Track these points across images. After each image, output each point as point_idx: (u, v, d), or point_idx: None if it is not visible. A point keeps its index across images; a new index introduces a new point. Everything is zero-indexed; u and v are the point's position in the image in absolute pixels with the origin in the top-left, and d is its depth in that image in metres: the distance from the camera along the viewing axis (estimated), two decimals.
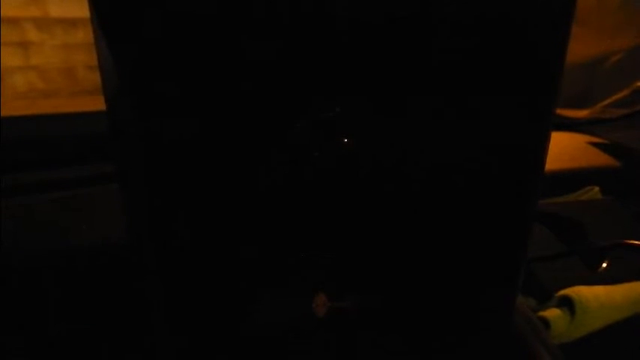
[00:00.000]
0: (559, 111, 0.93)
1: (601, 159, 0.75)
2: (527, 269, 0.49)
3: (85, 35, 0.96)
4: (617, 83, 0.95)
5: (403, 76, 0.27)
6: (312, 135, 0.27)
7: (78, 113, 0.66)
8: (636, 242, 0.52)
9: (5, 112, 0.64)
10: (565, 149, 0.77)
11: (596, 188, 0.67)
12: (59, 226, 0.45)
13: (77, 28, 0.93)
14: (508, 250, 0.32)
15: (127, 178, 0.29)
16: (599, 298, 0.44)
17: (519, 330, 0.36)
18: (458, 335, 0.32)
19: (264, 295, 0.30)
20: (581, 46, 0.92)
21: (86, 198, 0.49)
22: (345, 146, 0.27)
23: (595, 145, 0.79)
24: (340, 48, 0.25)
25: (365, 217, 0.29)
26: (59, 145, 0.57)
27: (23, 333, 0.41)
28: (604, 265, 0.50)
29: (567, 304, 0.44)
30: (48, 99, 0.92)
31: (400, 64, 0.26)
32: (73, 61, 0.92)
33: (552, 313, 0.43)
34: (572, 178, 0.69)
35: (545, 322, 0.42)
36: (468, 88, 0.27)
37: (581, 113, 0.95)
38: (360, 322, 0.31)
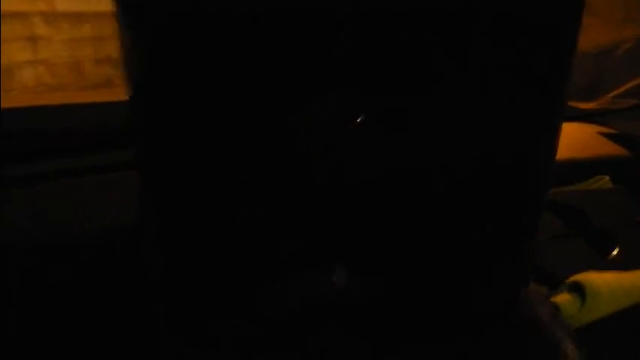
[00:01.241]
0: (569, 102, 0.92)
1: (611, 149, 0.74)
2: (537, 258, 0.49)
3: (91, 29, 0.96)
4: (627, 73, 0.94)
5: (410, 62, 0.26)
6: (319, 123, 0.27)
7: (84, 104, 0.66)
8: None
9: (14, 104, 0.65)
10: (575, 139, 0.76)
11: (607, 177, 0.66)
12: (66, 212, 0.46)
13: (83, 23, 0.93)
14: (519, 229, 0.31)
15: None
16: (609, 284, 0.44)
17: (538, 315, 0.36)
18: (471, 319, 0.32)
19: (274, 275, 0.30)
20: (591, 36, 0.92)
21: (94, 185, 0.50)
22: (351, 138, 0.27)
23: (605, 135, 0.79)
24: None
25: (374, 203, 0.29)
26: (65, 136, 0.58)
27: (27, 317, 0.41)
28: (614, 251, 0.50)
29: (578, 289, 0.44)
30: (55, 92, 0.93)
31: (406, 54, 0.26)
32: (80, 56, 0.93)
33: (562, 299, 0.43)
34: (583, 168, 0.68)
35: (555, 308, 0.42)
36: (479, 79, 0.27)
37: (592, 104, 0.94)
38: (369, 306, 0.30)
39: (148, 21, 0.26)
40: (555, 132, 0.30)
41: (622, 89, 0.92)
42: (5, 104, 0.67)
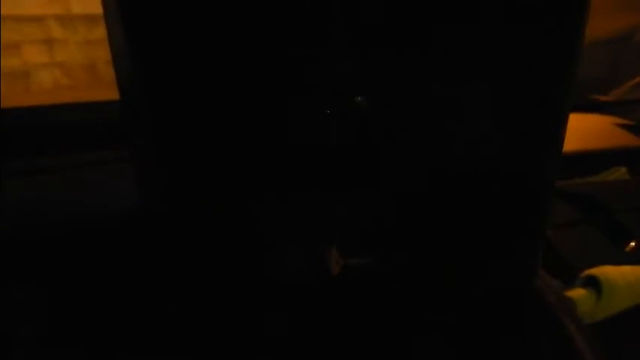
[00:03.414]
0: (585, 93, 0.91)
1: (628, 140, 0.73)
2: (553, 250, 0.49)
3: (105, 31, 0.97)
4: None
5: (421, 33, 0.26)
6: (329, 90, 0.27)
7: (97, 102, 0.68)
8: None
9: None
10: (592, 130, 0.75)
11: (623, 169, 0.65)
12: (75, 201, 0.47)
13: (98, 25, 0.94)
14: (530, 212, 0.31)
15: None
16: (626, 278, 0.43)
17: (551, 309, 0.36)
18: (479, 299, 0.32)
19: (278, 245, 0.30)
20: (602, 22, 0.89)
21: (101, 177, 0.51)
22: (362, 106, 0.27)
23: (622, 126, 0.77)
24: None
25: (387, 174, 0.29)
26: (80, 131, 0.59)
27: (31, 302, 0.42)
28: (632, 244, 0.49)
29: (593, 283, 0.43)
30: (73, 92, 0.94)
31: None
32: (95, 57, 0.94)
33: (578, 293, 0.42)
34: (600, 159, 0.67)
35: (571, 302, 0.42)
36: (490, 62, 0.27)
37: (609, 95, 0.93)
38: (380, 279, 0.31)
39: None
40: (562, 121, 0.30)
41: (639, 79, 0.91)
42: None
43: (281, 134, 0.27)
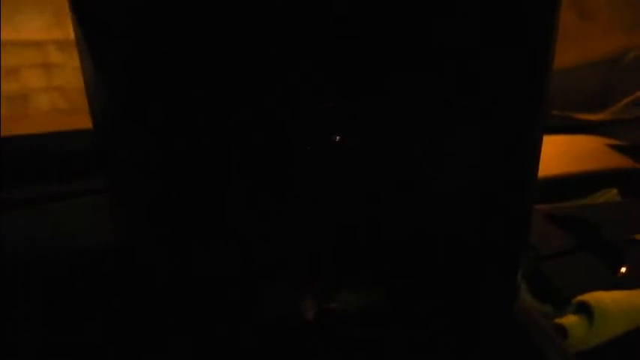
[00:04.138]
0: (577, 114, 0.92)
1: (619, 160, 0.74)
2: (543, 275, 0.49)
3: None
4: (636, 83, 0.93)
5: (396, 70, 0.27)
6: (304, 128, 0.27)
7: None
8: None
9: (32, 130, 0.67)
10: (583, 151, 0.76)
11: (614, 190, 0.66)
12: (76, 229, 0.47)
13: None
14: (506, 241, 0.32)
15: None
16: (618, 303, 0.44)
17: (532, 338, 0.36)
18: (458, 333, 0.32)
19: (252, 295, 0.30)
20: (593, 44, 0.91)
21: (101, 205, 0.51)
22: (338, 142, 0.27)
23: (613, 146, 0.79)
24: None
25: (358, 211, 0.29)
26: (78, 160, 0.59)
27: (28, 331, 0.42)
28: (623, 269, 0.50)
29: (585, 310, 0.43)
30: (71, 117, 0.95)
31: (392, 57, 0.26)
32: None
33: (570, 320, 0.43)
34: (590, 181, 0.68)
35: (563, 330, 0.42)
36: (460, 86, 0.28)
37: (599, 116, 0.94)
38: (353, 320, 0.31)
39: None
40: (536, 143, 0.30)
41: (630, 99, 0.92)
42: (21, 129, 0.69)
43: (258, 175, 0.28)
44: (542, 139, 0.30)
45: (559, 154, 0.71)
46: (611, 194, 0.65)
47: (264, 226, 0.29)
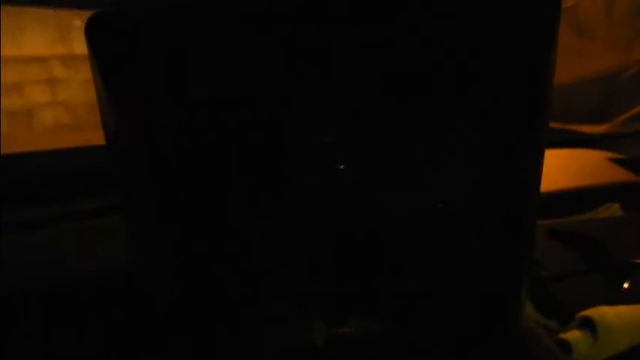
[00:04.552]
0: (577, 127, 0.93)
1: (620, 175, 0.74)
2: (547, 290, 0.49)
3: None
4: (635, 97, 0.94)
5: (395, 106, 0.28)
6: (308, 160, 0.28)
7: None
8: None
9: (35, 147, 0.67)
10: (584, 166, 0.76)
11: (616, 205, 0.66)
12: (84, 251, 0.47)
13: None
14: (511, 259, 0.32)
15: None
16: (622, 318, 0.44)
17: (536, 353, 0.36)
18: (464, 349, 0.32)
19: (263, 323, 0.30)
20: (592, 61, 0.92)
21: (110, 226, 0.51)
22: (340, 172, 0.28)
23: (614, 160, 0.79)
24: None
25: (366, 241, 0.30)
26: (84, 178, 0.59)
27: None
28: (626, 284, 0.50)
29: (589, 325, 0.43)
30: (74, 132, 0.95)
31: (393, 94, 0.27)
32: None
33: (574, 336, 0.43)
34: (592, 195, 0.68)
35: (567, 345, 0.42)
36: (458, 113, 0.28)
37: (600, 128, 0.94)
38: (361, 345, 0.31)
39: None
40: (538, 158, 0.30)
41: (630, 113, 0.92)
42: (25, 145, 0.69)
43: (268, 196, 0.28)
44: (544, 153, 0.31)
45: (560, 168, 0.71)
46: (614, 209, 0.65)
47: (265, 237, 0.29)
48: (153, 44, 0.27)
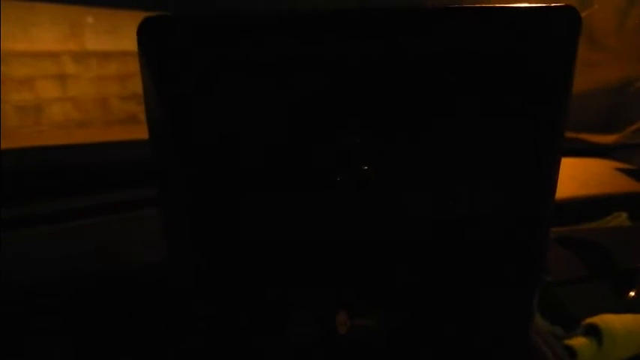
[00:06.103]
0: (587, 137, 0.92)
1: (629, 185, 0.73)
2: (553, 296, 0.49)
3: (118, 67, 1.00)
4: None
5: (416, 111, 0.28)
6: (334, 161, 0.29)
7: (112, 142, 0.68)
8: None
9: (45, 142, 0.67)
10: (593, 175, 0.76)
11: (624, 214, 0.65)
12: (92, 249, 0.47)
13: (111, 61, 0.97)
14: (524, 267, 0.32)
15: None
16: (627, 326, 0.43)
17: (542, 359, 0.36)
18: (474, 354, 0.33)
19: (287, 314, 0.31)
20: (603, 71, 0.92)
21: (120, 223, 0.51)
22: (364, 172, 0.29)
23: (623, 170, 0.78)
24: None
25: (390, 239, 0.30)
26: (95, 173, 0.59)
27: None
28: (632, 293, 0.49)
29: (594, 332, 0.43)
30: (83, 128, 0.96)
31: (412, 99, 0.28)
32: (107, 92, 0.97)
33: (579, 342, 0.42)
34: (600, 205, 0.68)
35: (572, 351, 0.42)
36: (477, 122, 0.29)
37: (610, 138, 0.94)
38: (381, 338, 0.31)
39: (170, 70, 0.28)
40: (554, 170, 0.31)
41: (638, 125, 0.92)
42: (35, 141, 0.69)
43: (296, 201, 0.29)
44: (558, 167, 0.31)
45: (568, 177, 0.71)
46: (622, 219, 0.65)
47: (294, 233, 0.30)
48: (202, 50, 0.27)
